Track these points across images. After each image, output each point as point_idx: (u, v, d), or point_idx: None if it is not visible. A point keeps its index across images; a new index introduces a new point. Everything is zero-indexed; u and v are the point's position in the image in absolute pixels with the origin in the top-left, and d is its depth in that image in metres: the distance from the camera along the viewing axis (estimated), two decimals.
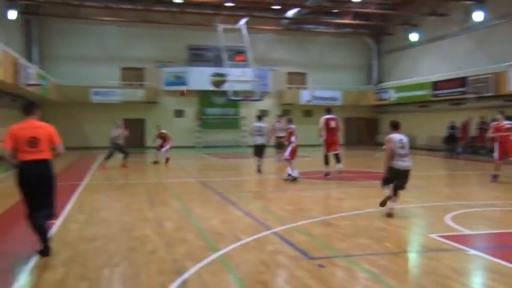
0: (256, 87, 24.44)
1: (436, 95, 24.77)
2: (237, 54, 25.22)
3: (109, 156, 16.35)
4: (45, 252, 5.37)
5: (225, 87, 27.72)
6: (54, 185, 5.44)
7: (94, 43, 28.44)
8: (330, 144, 12.85)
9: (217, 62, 29.60)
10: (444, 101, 24.67)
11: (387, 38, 32.03)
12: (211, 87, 29.12)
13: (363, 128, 32.88)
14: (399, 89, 28.04)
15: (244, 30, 25.56)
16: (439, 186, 11.64)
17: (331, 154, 12.86)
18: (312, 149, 20.39)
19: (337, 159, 12.85)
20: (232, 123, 30.76)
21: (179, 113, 30.01)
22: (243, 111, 29.86)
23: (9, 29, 23.35)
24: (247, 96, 24.27)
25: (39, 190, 5.29)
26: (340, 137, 13.37)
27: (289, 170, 12.16)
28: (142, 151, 25.05)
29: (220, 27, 25.76)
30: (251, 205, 8.76)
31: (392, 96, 28.50)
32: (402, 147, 7.42)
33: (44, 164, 5.34)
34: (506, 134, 11.59)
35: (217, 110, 30.38)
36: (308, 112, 31.60)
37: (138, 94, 28.15)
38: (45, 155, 5.34)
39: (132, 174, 14.45)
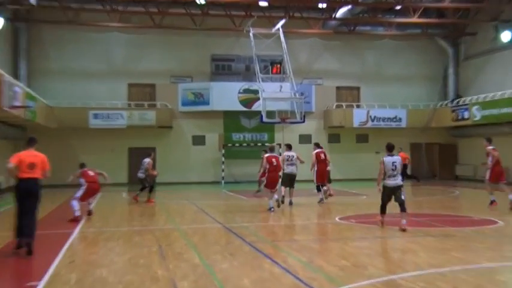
0: (297, 106, 24.26)
1: None
2: (272, 66, 25.19)
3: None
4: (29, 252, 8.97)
5: (257, 106, 27.71)
6: (40, 195, 9.36)
7: (95, 54, 29.23)
8: (321, 174, 17.13)
9: (247, 75, 29.78)
10: None
11: (468, 39, 31.52)
12: (240, 107, 29.31)
13: (435, 157, 32.13)
14: (485, 105, 27.25)
15: (282, 35, 25.62)
16: None
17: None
18: (368, 184, 19.92)
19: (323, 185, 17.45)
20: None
21: (199, 140, 30.16)
22: (278, 137, 29.72)
23: None
24: (284, 117, 24.08)
25: (29, 198, 9.21)
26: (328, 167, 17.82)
27: (270, 203, 15.05)
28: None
29: (252, 32, 25.94)
30: (291, 259, 8.55)
31: (476, 114, 27.73)
32: (393, 169, 11.19)
33: (36, 181, 9.29)
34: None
35: (247, 135, 30.44)
36: (362, 137, 31.18)
37: (149, 117, 28.55)
38: (38, 175, 9.32)
39: (138, 218, 14.41)
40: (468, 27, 31.31)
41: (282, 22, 26.26)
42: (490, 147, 15.18)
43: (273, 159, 15.36)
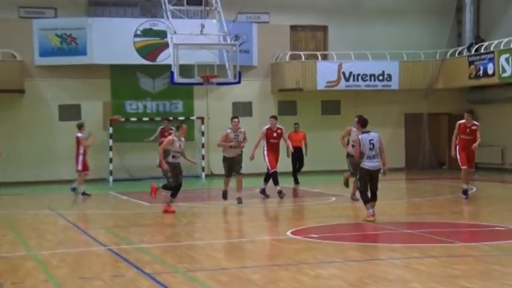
0: (228, 57, 24.35)
1: None
2: None
3: None
4: None
5: (165, 58, 27.67)
6: None
7: None
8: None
9: (147, 7, 29.58)
10: None
11: None
12: (138, 59, 29.22)
13: (443, 135, 32.83)
14: None
15: None
16: None
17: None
18: (340, 179, 20.23)
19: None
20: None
21: (71, 113, 29.74)
22: (200, 107, 29.77)
23: None
24: (209, 76, 24.16)
25: None
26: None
27: None
28: None
29: None
30: None
31: (506, 68, 28.40)
32: (371, 148, 14.02)
33: None
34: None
35: (150, 104, 30.37)
36: (331, 106, 31.60)
37: None
38: None
39: None
40: None
41: None
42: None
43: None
